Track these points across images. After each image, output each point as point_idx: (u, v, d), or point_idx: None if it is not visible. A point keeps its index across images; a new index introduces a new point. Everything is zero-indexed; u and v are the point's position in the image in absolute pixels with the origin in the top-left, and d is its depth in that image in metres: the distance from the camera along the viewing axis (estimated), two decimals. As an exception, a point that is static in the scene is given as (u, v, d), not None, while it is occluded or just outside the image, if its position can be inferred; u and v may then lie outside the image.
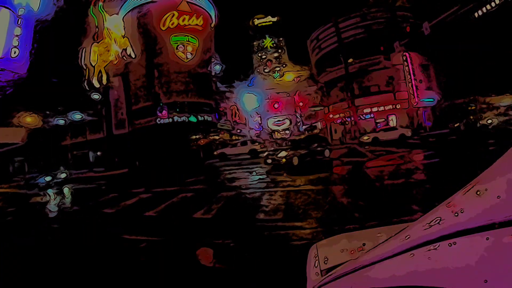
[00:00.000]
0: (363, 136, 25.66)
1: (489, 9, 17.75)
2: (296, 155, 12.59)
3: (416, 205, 5.20)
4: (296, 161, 12.34)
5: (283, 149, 13.66)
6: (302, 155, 12.74)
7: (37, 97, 27.94)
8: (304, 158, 12.70)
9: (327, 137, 31.65)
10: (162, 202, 8.08)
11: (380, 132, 24.92)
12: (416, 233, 0.89)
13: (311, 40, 41.58)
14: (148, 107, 31.62)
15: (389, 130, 25.00)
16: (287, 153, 12.93)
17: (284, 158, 12.50)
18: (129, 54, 31.33)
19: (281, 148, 14.08)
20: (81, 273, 3.98)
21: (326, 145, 15.08)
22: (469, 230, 0.71)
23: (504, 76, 27.15)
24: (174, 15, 33.20)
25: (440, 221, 0.83)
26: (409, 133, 24.01)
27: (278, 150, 13.83)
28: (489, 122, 22.81)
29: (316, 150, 13.89)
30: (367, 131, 31.78)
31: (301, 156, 12.62)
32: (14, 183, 20.91)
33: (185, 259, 4.09)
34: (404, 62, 30.71)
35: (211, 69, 36.26)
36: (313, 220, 5.05)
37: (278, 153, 13.45)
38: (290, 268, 2.93)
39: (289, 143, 14.27)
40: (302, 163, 12.43)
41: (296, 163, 12.25)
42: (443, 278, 0.70)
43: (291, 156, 12.57)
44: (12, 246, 5.73)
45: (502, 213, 0.67)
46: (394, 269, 0.86)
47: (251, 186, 9.35)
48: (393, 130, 24.54)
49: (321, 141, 15.26)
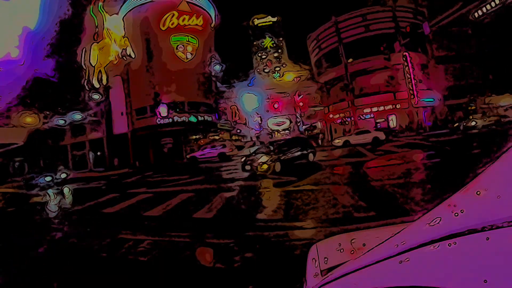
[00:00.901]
0: (335, 140, 24.80)
1: (489, 9, 17.74)
2: (279, 160, 11.27)
3: (416, 205, 5.20)
4: (278, 167, 11.07)
5: (264, 153, 11.71)
6: (285, 160, 11.51)
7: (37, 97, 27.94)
8: (287, 163, 11.53)
9: (317, 138, 31.12)
10: (162, 202, 8.08)
11: (352, 136, 24.00)
12: (416, 233, 0.89)
13: (311, 40, 41.58)
14: (148, 107, 31.63)
15: (362, 133, 23.90)
16: (269, 157, 11.18)
17: (265, 164, 10.88)
18: (129, 54, 31.33)
19: (261, 152, 12.05)
20: (81, 273, 3.98)
21: (311, 148, 13.78)
22: (469, 230, 0.71)
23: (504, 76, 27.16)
24: (174, 15, 33.20)
25: (440, 221, 0.83)
26: (383, 136, 22.76)
27: (258, 154, 11.81)
28: (472, 124, 22.86)
29: (300, 153, 12.63)
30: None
31: (284, 161, 11.38)
32: (14, 183, 20.90)
33: (185, 259, 4.10)
34: (404, 62, 30.69)
35: (211, 69, 36.26)
36: (313, 220, 5.05)
37: (259, 157, 11.37)
38: (290, 268, 2.93)
39: (270, 147, 12.53)
40: (285, 169, 11.23)
41: (278, 170, 11.01)
42: (443, 278, 0.70)
43: (273, 161, 11.06)
44: (12, 246, 5.73)
45: (502, 213, 0.67)
46: (394, 269, 0.86)
47: (251, 186, 9.34)
48: (366, 133, 23.46)
49: (306, 144, 13.83)
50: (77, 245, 5.42)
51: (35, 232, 6.87)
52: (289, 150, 12.13)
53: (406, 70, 30.81)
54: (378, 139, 22.07)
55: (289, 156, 11.94)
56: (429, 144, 16.42)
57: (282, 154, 11.68)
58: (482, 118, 23.73)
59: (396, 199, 5.80)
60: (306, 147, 13.48)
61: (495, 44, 29.16)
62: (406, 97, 31.19)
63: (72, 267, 4.25)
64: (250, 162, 11.62)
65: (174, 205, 7.69)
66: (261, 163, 11.01)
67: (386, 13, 34.10)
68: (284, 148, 12.18)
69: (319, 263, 1.33)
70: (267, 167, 10.89)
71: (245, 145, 33.56)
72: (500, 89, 28.37)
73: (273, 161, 11.11)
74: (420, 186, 6.79)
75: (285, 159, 11.68)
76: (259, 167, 11.01)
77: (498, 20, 23.21)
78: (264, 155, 11.42)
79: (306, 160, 12.92)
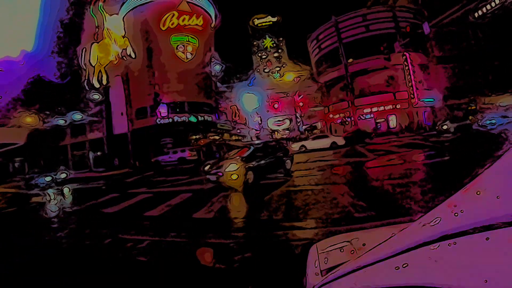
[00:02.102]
0: (292, 144, 24.21)
1: (489, 9, 17.74)
2: (250, 168, 9.28)
3: (416, 205, 5.20)
4: (251, 177, 9.14)
5: (232, 160, 9.48)
6: (258, 168, 9.58)
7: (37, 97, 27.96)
8: (261, 173, 9.73)
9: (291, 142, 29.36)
10: (162, 202, 8.08)
11: (308, 141, 23.56)
12: (416, 233, 0.89)
13: (311, 40, 41.59)
14: (148, 107, 31.64)
15: (319, 138, 23.49)
16: (240, 165, 9.04)
17: (235, 174, 8.81)
18: (129, 54, 31.34)
19: (228, 158, 9.91)
20: (81, 274, 3.98)
21: (287, 154, 11.78)
22: (469, 230, 0.71)
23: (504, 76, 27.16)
24: (174, 15, 33.22)
25: (440, 221, 0.83)
26: (342, 141, 22.30)
27: (225, 161, 9.64)
28: (444, 128, 22.50)
29: (276, 160, 10.75)
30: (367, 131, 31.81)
31: (256, 169, 9.45)
32: (14, 183, 20.91)
33: (185, 259, 4.09)
34: (404, 62, 30.71)
35: (211, 69, 36.27)
36: (313, 220, 5.05)
37: (226, 166, 9.12)
38: (290, 268, 2.93)
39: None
40: (258, 179, 9.47)
41: (251, 181, 9.13)
42: (443, 278, 0.70)
43: (244, 169, 9.05)
44: (12, 246, 5.73)
45: (502, 213, 0.67)
46: (394, 269, 0.86)
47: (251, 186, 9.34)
48: (324, 138, 22.99)
49: (281, 150, 11.83)
50: (77, 245, 5.42)
51: (34, 232, 6.88)
52: (263, 157, 10.10)
53: (406, 70, 30.83)
54: (336, 144, 21.85)
55: (263, 164, 9.93)
56: (429, 144, 16.42)
57: (255, 162, 9.62)
58: (454, 122, 23.39)
59: (396, 199, 5.80)
60: (282, 152, 11.55)
61: (495, 44, 29.16)
62: (406, 97, 31.22)
63: (71, 267, 4.25)
64: (215, 171, 9.27)
65: (174, 205, 7.69)
66: (230, 173, 8.83)
67: (386, 13, 34.13)
68: (257, 154, 10.06)
69: (319, 263, 1.33)
70: (237, 177, 8.74)
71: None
72: (500, 89, 28.36)
73: (246, 169, 9.06)
74: (420, 186, 6.79)
75: (259, 167, 9.65)
76: (226, 177, 8.83)
77: (498, 20, 23.21)
78: (233, 163, 9.12)
79: (283, 169, 11.07)
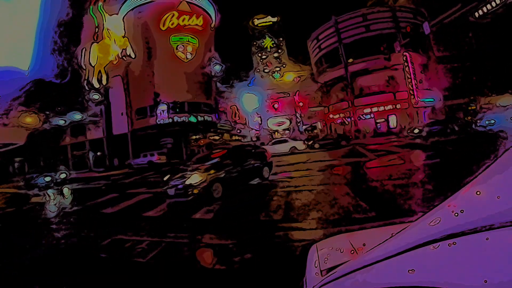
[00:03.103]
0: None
1: (490, 9, 17.72)
2: (218, 179, 7.67)
3: (416, 205, 5.20)
4: (218, 191, 7.63)
5: (196, 171, 7.78)
6: (228, 179, 7.97)
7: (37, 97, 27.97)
8: (232, 184, 8.14)
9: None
10: (162, 202, 8.08)
11: (268, 145, 23.33)
12: (416, 233, 0.89)
13: (311, 40, 41.59)
14: (148, 107, 31.63)
15: (279, 142, 23.56)
16: (203, 177, 7.47)
17: (197, 188, 7.27)
18: (128, 54, 31.33)
19: (193, 168, 8.07)
20: (80, 274, 3.98)
21: (265, 160, 9.94)
22: (469, 230, 0.71)
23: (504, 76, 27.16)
24: (174, 15, 33.21)
25: (440, 221, 0.83)
26: (302, 146, 22.28)
27: (188, 172, 7.81)
28: (415, 132, 22.59)
29: (252, 168, 9.12)
30: (367, 131, 31.80)
31: (225, 180, 7.87)
32: (14, 183, 20.91)
33: (185, 260, 4.09)
34: (404, 62, 30.69)
35: (211, 69, 36.28)
36: (313, 221, 5.05)
37: (188, 177, 7.51)
38: (290, 269, 2.93)
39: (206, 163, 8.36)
40: (228, 192, 7.82)
41: (218, 195, 7.59)
42: (443, 278, 0.70)
43: (210, 181, 7.48)
44: (11, 246, 5.73)
45: (502, 213, 0.67)
46: (394, 269, 0.86)
47: (251, 186, 9.34)
48: (284, 143, 22.96)
49: (258, 155, 9.92)
50: (76, 245, 5.41)
51: (34, 232, 6.87)
52: (234, 164, 8.45)
53: (406, 70, 30.81)
54: (296, 149, 22.05)
55: (234, 173, 8.30)
56: (429, 144, 16.42)
57: (224, 171, 7.98)
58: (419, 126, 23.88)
59: (396, 199, 5.80)
60: (258, 159, 9.71)
61: (495, 44, 29.16)
62: (406, 97, 31.19)
63: (71, 268, 4.25)
64: (174, 184, 7.63)
65: (174, 205, 7.69)
66: (193, 186, 7.27)
67: (386, 13, 34.11)
68: (226, 162, 8.33)
69: (319, 263, 1.33)
70: (200, 191, 7.26)
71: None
72: (500, 89, 28.36)
73: (211, 181, 7.48)
74: (419, 186, 6.79)
75: (229, 177, 8.04)
76: (186, 192, 7.30)
77: (499, 20, 23.20)
78: (197, 174, 7.56)
79: (260, 178, 9.47)
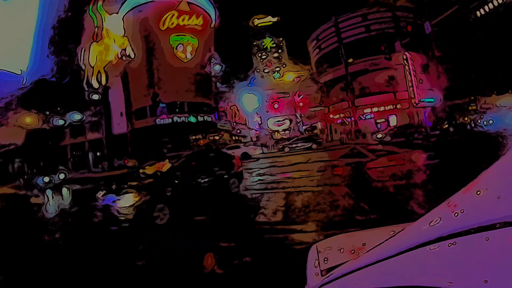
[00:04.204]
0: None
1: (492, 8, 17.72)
2: (161, 200, 5.78)
3: (416, 205, 5.20)
4: (164, 215, 5.73)
5: (129, 189, 5.93)
6: (176, 198, 6.00)
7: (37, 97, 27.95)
8: (183, 205, 6.14)
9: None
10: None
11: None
12: (416, 233, 0.89)
13: (311, 40, 41.59)
14: (147, 107, 31.62)
15: (231, 149, 23.57)
16: (137, 198, 5.61)
17: (128, 213, 5.50)
18: (128, 54, 31.29)
19: (124, 186, 6.15)
20: (79, 275, 3.97)
21: (231, 170, 7.72)
22: (469, 230, 0.71)
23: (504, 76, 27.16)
24: (173, 15, 33.20)
25: (440, 221, 0.83)
26: (255, 151, 22.45)
27: (120, 191, 5.95)
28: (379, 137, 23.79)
29: (212, 181, 6.99)
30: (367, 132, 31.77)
31: (173, 201, 5.93)
32: (13, 184, 20.89)
33: (185, 261, 4.09)
34: (405, 62, 30.69)
35: (211, 69, 36.26)
36: (313, 222, 5.02)
37: (119, 199, 5.72)
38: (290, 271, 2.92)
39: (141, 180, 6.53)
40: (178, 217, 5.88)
41: (163, 222, 5.68)
42: (443, 278, 0.70)
43: (150, 203, 5.63)
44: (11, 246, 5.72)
45: (502, 213, 0.67)
46: (394, 269, 0.86)
47: (250, 187, 9.34)
48: (236, 149, 22.90)
49: (222, 163, 7.69)
50: (76, 246, 5.41)
51: (33, 232, 6.86)
52: (187, 177, 6.43)
53: (406, 70, 30.81)
54: (247, 155, 22.50)
55: (189, 189, 6.35)
56: (429, 144, 16.42)
57: (172, 188, 6.02)
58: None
59: (396, 200, 5.80)
60: (223, 168, 7.50)
61: (495, 44, 29.16)
62: (406, 97, 31.20)
63: (70, 268, 4.25)
64: (105, 203, 5.93)
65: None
66: (122, 209, 5.49)
67: (386, 13, 34.12)
68: (177, 174, 6.38)
69: (319, 263, 1.33)
70: (133, 217, 5.43)
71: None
72: (500, 89, 28.36)
73: (151, 203, 5.61)
74: (419, 186, 6.79)
75: (178, 197, 6.01)
76: (118, 217, 5.52)
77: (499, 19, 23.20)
78: (131, 193, 5.66)
79: (231, 189, 7.55)
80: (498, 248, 0.64)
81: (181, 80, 32.72)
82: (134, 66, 32.27)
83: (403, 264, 0.83)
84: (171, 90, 31.79)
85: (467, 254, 0.70)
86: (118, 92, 32.49)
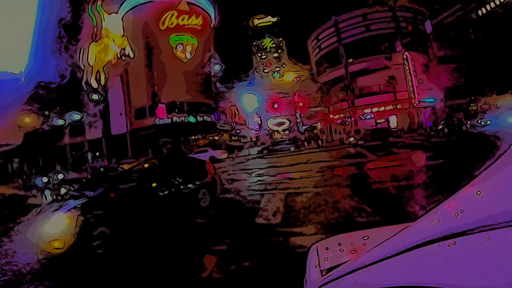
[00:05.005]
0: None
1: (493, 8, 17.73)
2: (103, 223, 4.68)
3: (416, 205, 5.20)
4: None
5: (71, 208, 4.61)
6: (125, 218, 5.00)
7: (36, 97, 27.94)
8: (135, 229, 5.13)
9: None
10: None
11: (190, 156, 23.59)
12: (416, 233, 0.89)
13: (311, 40, 41.57)
14: (147, 107, 31.60)
15: (199, 152, 24.25)
16: (70, 221, 4.50)
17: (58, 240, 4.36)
18: (127, 54, 31.25)
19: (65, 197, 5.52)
20: (79, 275, 3.97)
21: (202, 180, 6.57)
22: (469, 230, 0.71)
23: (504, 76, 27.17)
24: (173, 14, 33.18)
25: (440, 221, 0.83)
26: (221, 155, 22.72)
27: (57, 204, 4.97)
28: (349, 141, 23.79)
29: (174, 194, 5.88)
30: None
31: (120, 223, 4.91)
32: (12, 184, 20.84)
33: (185, 262, 4.08)
34: (405, 62, 30.67)
35: (210, 69, 36.24)
36: (312, 224, 4.99)
37: (45, 222, 4.58)
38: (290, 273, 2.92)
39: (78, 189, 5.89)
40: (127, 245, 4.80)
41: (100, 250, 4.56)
42: (443, 278, 0.70)
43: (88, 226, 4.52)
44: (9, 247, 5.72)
45: (502, 213, 0.67)
46: (394, 269, 0.86)
47: (250, 188, 9.32)
48: (204, 153, 23.32)
49: (191, 171, 6.64)
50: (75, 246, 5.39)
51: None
52: (139, 190, 5.34)
53: (406, 70, 30.79)
54: (215, 158, 22.63)
55: (138, 207, 5.18)
56: (429, 144, 16.43)
57: (121, 201, 5.00)
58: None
59: (396, 200, 5.80)
60: (192, 177, 6.33)
61: (496, 44, 29.17)
62: (406, 97, 31.17)
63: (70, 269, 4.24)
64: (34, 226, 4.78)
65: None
66: (50, 237, 4.37)
67: (386, 13, 34.09)
68: (122, 186, 5.27)
69: (319, 263, 1.33)
70: (63, 246, 4.28)
71: (244, 146, 33.59)
72: (500, 89, 28.37)
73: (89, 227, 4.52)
74: (418, 186, 6.79)
75: (126, 216, 5.00)
76: (44, 243, 4.37)
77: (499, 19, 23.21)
78: (61, 216, 4.59)
79: (200, 203, 6.26)
80: (498, 248, 0.64)
81: (180, 80, 32.70)
82: (134, 66, 32.25)
83: (403, 264, 0.83)
84: (171, 90, 31.77)
85: (467, 254, 0.70)
86: (117, 92, 32.48)
